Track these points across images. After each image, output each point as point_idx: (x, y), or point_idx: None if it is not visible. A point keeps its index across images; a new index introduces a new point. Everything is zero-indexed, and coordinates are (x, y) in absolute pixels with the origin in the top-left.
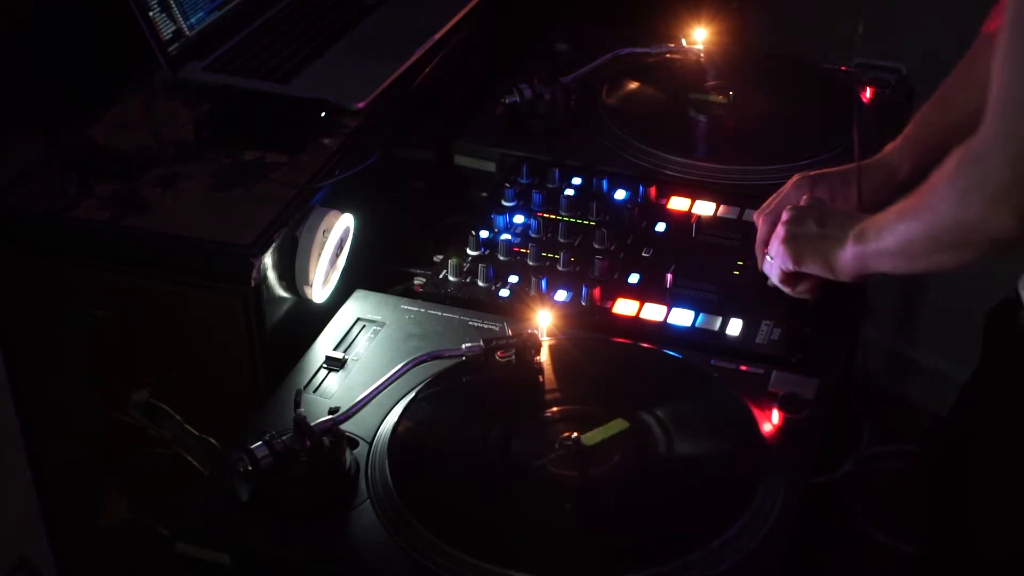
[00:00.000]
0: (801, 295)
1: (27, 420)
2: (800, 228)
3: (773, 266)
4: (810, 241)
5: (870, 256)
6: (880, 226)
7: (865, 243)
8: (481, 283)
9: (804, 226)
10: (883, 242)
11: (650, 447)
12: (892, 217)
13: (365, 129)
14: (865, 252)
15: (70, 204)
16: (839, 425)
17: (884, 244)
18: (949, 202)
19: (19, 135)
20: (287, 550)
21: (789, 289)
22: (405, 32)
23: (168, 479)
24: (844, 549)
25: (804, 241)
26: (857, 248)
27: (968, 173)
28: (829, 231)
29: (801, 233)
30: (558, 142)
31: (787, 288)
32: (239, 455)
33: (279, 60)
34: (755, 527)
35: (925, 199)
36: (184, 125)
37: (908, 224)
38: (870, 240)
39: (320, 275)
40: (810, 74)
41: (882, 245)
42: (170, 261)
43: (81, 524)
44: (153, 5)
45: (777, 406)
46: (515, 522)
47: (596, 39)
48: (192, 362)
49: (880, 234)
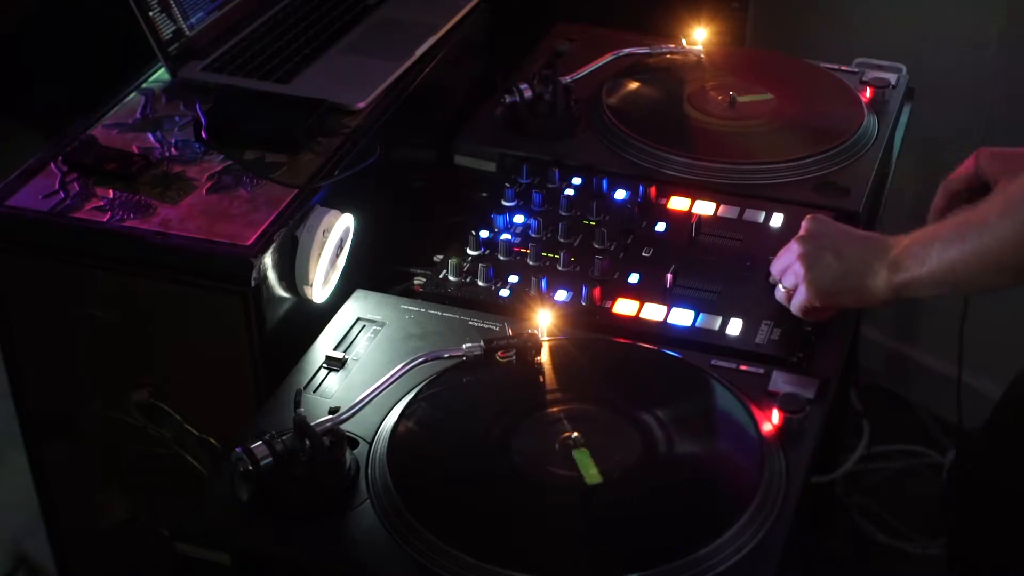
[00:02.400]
0: (817, 319)
1: (27, 420)
2: (820, 267)
3: (789, 296)
4: (835, 281)
5: (910, 285)
6: (921, 253)
7: (904, 272)
8: (481, 283)
9: (822, 263)
10: (926, 268)
11: (650, 447)
12: (937, 243)
13: (365, 129)
14: (906, 282)
15: (70, 204)
16: (839, 425)
17: (929, 272)
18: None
19: (19, 135)
20: (287, 550)
21: (809, 318)
22: (405, 32)
23: (168, 479)
24: (844, 549)
25: (828, 281)
26: (896, 278)
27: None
28: (851, 264)
29: (823, 272)
30: (558, 142)
31: (805, 318)
32: (239, 455)
33: (279, 60)
34: (755, 527)
35: (982, 220)
36: (184, 125)
37: (962, 249)
38: (909, 268)
39: (320, 275)
40: (811, 73)
41: (925, 272)
42: (170, 261)
43: (81, 524)
44: (153, 5)
45: (777, 406)
46: (515, 522)
47: (596, 39)
48: (192, 362)
49: (924, 261)
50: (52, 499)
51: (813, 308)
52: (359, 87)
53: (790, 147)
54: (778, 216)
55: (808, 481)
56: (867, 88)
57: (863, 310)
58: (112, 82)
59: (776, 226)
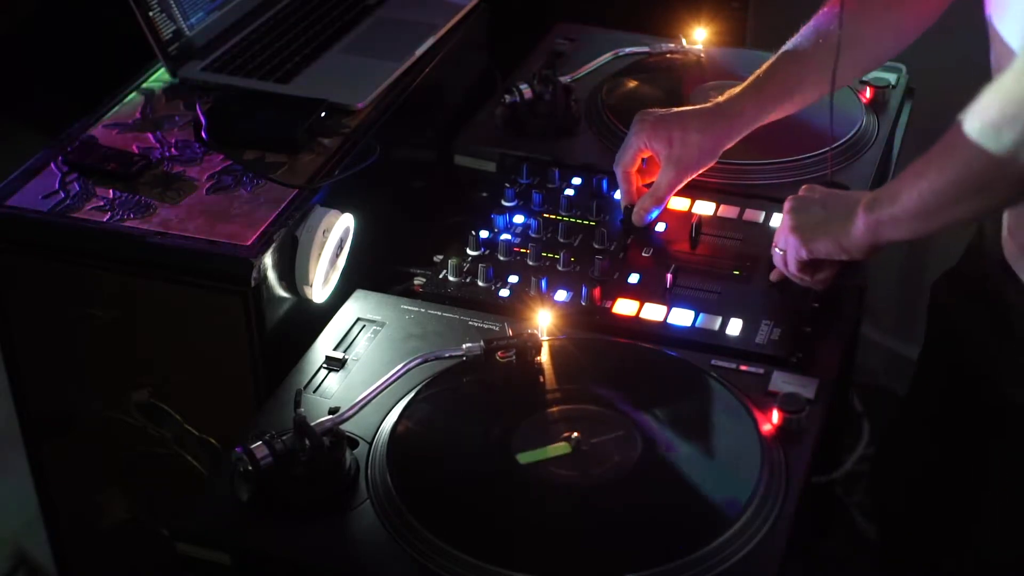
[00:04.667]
0: (817, 285)
1: (27, 420)
2: (806, 215)
3: (785, 258)
4: (817, 225)
5: (885, 223)
6: (895, 190)
7: (878, 211)
8: (481, 283)
9: (809, 213)
10: (899, 205)
11: (650, 447)
12: (908, 178)
13: (365, 129)
14: (879, 220)
15: (70, 204)
16: (839, 425)
17: (901, 207)
18: (977, 141)
19: (19, 135)
20: (287, 550)
21: (807, 278)
22: (405, 32)
23: (168, 479)
24: (844, 549)
25: (812, 226)
26: (869, 218)
27: (1000, 107)
28: (834, 211)
29: (807, 219)
30: (558, 142)
31: (803, 278)
32: (239, 455)
33: (279, 60)
34: (755, 527)
35: (946, 147)
36: (184, 125)
37: (929, 179)
38: (883, 207)
39: (320, 275)
40: None
41: (898, 209)
42: (170, 261)
43: (81, 524)
44: (153, 5)
45: (777, 406)
46: (515, 522)
47: (596, 39)
48: (192, 362)
49: (896, 198)
50: (52, 499)
51: (804, 262)
52: (359, 87)
53: (790, 147)
54: (778, 216)
55: (808, 481)
56: (867, 88)
57: (863, 312)
58: (112, 82)
59: (776, 226)
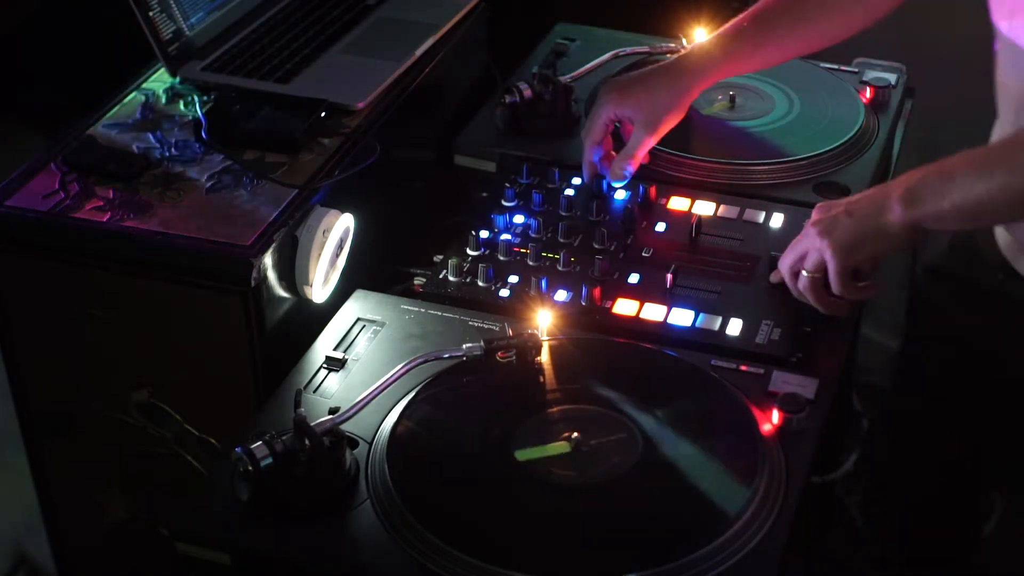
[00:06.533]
0: (865, 294)
1: (27, 420)
2: (836, 229)
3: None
4: (853, 233)
5: (929, 219)
6: (941, 187)
7: (922, 204)
8: (481, 283)
9: (837, 224)
10: (948, 202)
11: (650, 447)
12: (959, 176)
13: (365, 129)
14: (925, 215)
15: (70, 204)
16: (839, 425)
17: (951, 205)
18: None
19: (19, 135)
20: (287, 550)
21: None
22: (405, 32)
23: (168, 479)
24: (844, 549)
25: (847, 236)
26: (913, 212)
27: None
28: (863, 213)
29: (840, 232)
30: (558, 142)
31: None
32: (239, 455)
33: (279, 60)
34: (755, 527)
35: (1009, 157)
36: (184, 125)
37: (987, 183)
38: (928, 201)
39: (320, 275)
40: (811, 73)
41: (947, 206)
42: (170, 261)
43: (81, 524)
44: (153, 5)
45: (777, 406)
46: (515, 522)
47: (596, 39)
48: (192, 362)
49: (943, 195)
50: (52, 499)
51: (847, 274)
52: (359, 87)
53: (790, 147)
54: (778, 216)
55: (808, 481)
56: (867, 88)
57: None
58: (112, 82)
59: (776, 226)
